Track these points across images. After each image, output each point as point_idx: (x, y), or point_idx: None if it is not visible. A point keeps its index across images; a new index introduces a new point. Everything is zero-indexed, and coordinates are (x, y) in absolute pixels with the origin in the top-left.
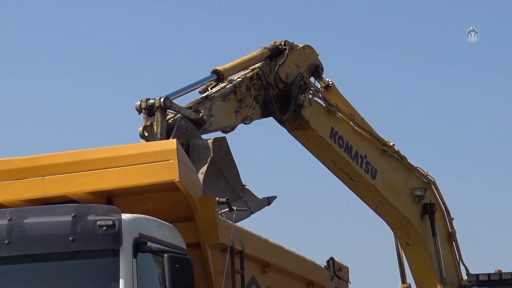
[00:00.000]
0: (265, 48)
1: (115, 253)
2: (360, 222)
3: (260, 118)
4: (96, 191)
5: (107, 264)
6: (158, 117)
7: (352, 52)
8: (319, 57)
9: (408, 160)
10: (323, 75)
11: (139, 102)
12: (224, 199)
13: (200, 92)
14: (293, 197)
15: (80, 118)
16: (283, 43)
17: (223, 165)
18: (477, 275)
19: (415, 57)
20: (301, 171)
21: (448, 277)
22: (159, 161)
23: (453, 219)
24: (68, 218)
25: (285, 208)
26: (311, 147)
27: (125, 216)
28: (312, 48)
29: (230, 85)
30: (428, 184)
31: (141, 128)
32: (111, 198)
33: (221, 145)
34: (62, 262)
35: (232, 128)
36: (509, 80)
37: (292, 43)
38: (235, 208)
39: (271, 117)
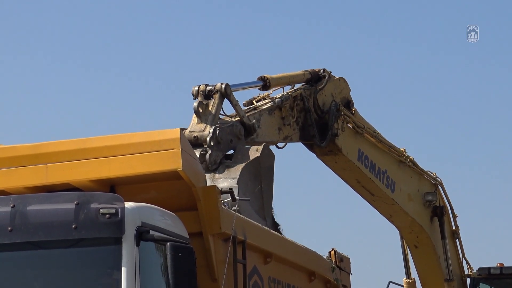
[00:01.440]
0: (307, 70)
1: (118, 241)
2: (362, 213)
3: (298, 141)
4: (99, 179)
5: (109, 252)
6: (216, 99)
7: (349, 47)
8: (351, 93)
9: (417, 162)
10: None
11: (197, 87)
12: (227, 189)
13: (245, 104)
14: (296, 187)
15: (84, 106)
16: (321, 70)
17: (263, 174)
18: (488, 268)
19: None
20: (304, 162)
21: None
22: (163, 150)
23: (457, 216)
24: (71, 205)
25: (288, 199)
26: (337, 169)
27: (128, 204)
28: (346, 82)
29: (278, 99)
30: (436, 185)
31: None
32: (114, 187)
33: (269, 156)
34: (65, 250)
35: (273, 143)
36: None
37: (330, 72)
38: (237, 198)
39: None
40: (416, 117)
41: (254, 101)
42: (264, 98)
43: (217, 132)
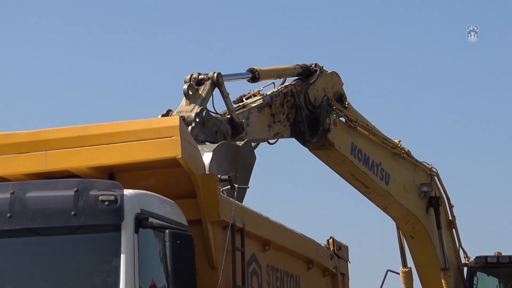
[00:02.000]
0: (298, 65)
1: (117, 228)
2: (360, 201)
3: (289, 137)
4: (98, 166)
5: (108, 239)
6: (207, 86)
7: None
8: (343, 86)
9: (412, 153)
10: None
11: (189, 75)
12: (226, 177)
13: (234, 102)
14: (294, 175)
15: (84, 92)
16: (313, 65)
17: (241, 166)
18: (486, 257)
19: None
20: (300, 151)
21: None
22: (162, 138)
23: (453, 206)
24: (71, 192)
25: (286, 187)
26: (330, 163)
27: (127, 191)
28: (339, 76)
29: (267, 97)
30: (431, 176)
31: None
32: (113, 174)
33: (251, 155)
34: (64, 236)
35: (264, 141)
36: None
37: (322, 67)
38: (236, 185)
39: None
40: (411, 107)
41: (244, 98)
42: (254, 95)
43: (204, 113)
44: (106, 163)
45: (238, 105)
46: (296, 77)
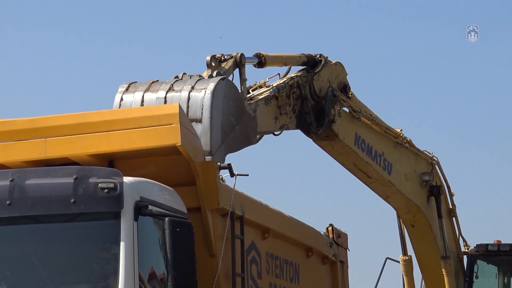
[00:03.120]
0: (303, 54)
1: (116, 216)
2: (359, 189)
3: (295, 129)
4: (97, 154)
5: (108, 226)
6: (229, 63)
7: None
8: (347, 76)
9: (414, 142)
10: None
11: (209, 57)
12: (226, 164)
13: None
14: (293, 163)
15: (83, 80)
16: (318, 55)
17: (243, 123)
18: (486, 245)
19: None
20: (301, 139)
21: (449, 250)
22: (162, 125)
23: (453, 194)
24: (70, 180)
25: (285, 174)
26: (334, 153)
27: (126, 179)
28: (343, 66)
29: (274, 88)
30: (432, 165)
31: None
32: (112, 161)
33: (253, 130)
34: (63, 224)
35: (270, 133)
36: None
37: (326, 57)
38: (236, 173)
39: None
40: (413, 95)
41: (250, 90)
42: (260, 87)
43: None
44: (106, 151)
45: (245, 97)
46: (301, 68)
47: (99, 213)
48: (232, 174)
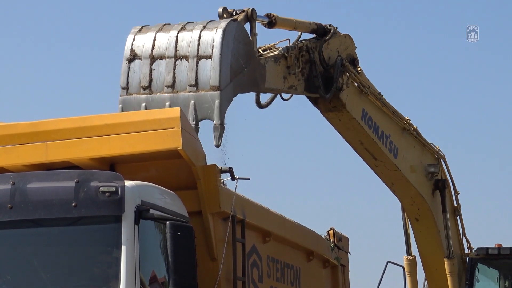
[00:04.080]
0: (313, 22)
1: (118, 220)
2: (360, 193)
3: (303, 92)
4: (99, 158)
5: (109, 230)
6: (241, 16)
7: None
8: (356, 50)
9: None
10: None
11: (221, 9)
12: (227, 168)
13: None
14: (294, 167)
15: (84, 84)
16: (328, 25)
17: (252, 68)
18: (486, 248)
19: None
20: (302, 141)
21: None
22: (163, 129)
23: (458, 193)
24: (71, 183)
25: (287, 178)
26: (341, 128)
27: (128, 183)
28: (352, 39)
29: (283, 48)
30: (438, 159)
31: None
32: (113, 165)
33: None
34: (65, 228)
35: (278, 92)
36: None
37: (336, 28)
38: (237, 177)
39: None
40: (420, 96)
41: (260, 50)
42: (270, 48)
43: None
44: (107, 154)
45: (254, 51)
46: (311, 36)
47: (100, 217)
48: (233, 178)
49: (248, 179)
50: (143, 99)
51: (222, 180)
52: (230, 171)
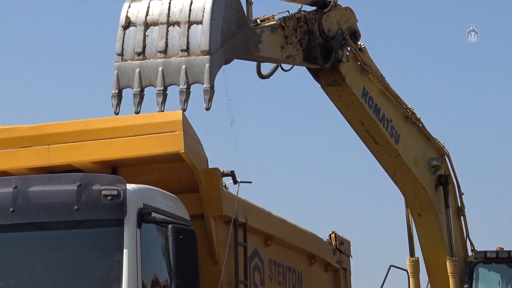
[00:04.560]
0: None
1: (120, 223)
2: (362, 196)
3: (301, 62)
4: (101, 161)
5: (111, 233)
6: None
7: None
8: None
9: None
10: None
11: None
12: (229, 171)
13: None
14: (296, 170)
15: (87, 87)
16: None
17: (244, 35)
18: (485, 252)
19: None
20: (304, 145)
21: (455, 251)
22: (165, 132)
23: (463, 194)
24: (73, 187)
25: (288, 182)
26: (341, 105)
27: (130, 186)
28: (353, 12)
29: (280, 18)
30: (443, 156)
31: None
32: (115, 168)
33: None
34: (67, 231)
35: (276, 61)
36: None
37: (336, 0)
38: (239, 180)
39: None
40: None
41: (258, 20)
42: (268, 19)
43: None
44: (109, 158)
45: (250, 19)
46: (311, 8)
47: (102, 220)
48: (235, 181)
49: (250, 182)
50: (137, 65)
51: (224, 184)
52: (232, 174)
